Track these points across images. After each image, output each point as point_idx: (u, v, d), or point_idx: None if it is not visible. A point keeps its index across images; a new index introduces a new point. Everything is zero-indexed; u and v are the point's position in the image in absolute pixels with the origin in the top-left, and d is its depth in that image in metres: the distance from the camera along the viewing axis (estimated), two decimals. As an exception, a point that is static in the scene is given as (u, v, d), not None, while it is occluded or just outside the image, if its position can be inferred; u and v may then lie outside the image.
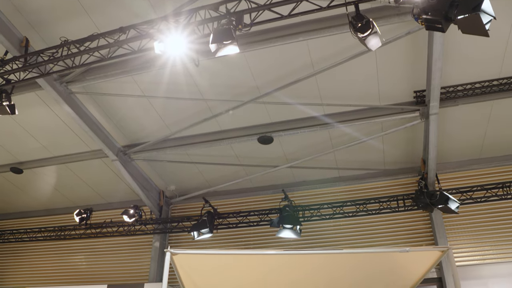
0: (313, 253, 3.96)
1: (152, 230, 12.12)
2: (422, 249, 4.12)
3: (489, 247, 10.26)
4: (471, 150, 10.77)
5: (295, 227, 9.92)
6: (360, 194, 11.49)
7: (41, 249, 14.16)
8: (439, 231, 10.47)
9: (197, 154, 11.16)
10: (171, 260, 3.90)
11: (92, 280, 12.90)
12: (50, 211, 14.54)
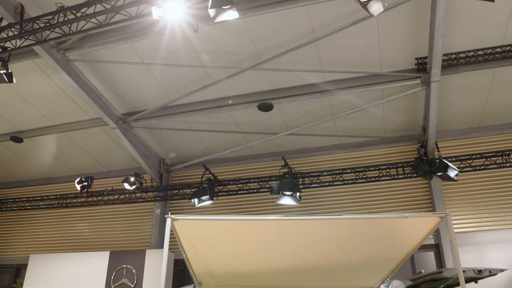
0: (312, 218, 3.99)
1: (153, 197, 12.23)
2: (421, 215, 4.15)
3: (487, 215, 10.38)
4: (471, 118, 10.75)
5: (295, 194, 10.00)
6: (359, 162, 11.54)
7: (44, 217, 14.33)
8: (437, 198, 10.57)
9: (197, 122, 11.14)
10: (172, 226, 3.93)
11: (95, 247, 13.10)
12: (51, 180, 14.64)
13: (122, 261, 11.33)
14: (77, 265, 11.75)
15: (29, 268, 12.24)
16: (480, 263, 9.63)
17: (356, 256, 4.63)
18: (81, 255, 12.00)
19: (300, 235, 4.20)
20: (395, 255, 4.71)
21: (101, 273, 11.41)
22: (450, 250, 10.17)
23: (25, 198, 13.86)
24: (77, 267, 11.71)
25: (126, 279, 11.11)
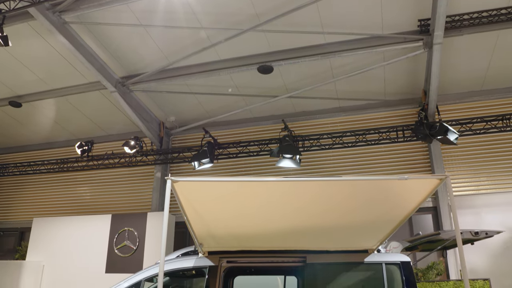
0: (312, 180, 4.00)
1: (153, 161, 12.28)
2: (420, 177, 4.15)
3: (485, 178, 10.46)
4: (473, 82, 10.66)
5: (295, 157, 10.03)
6: (359, 125, 11.53)
7: (45, 182, 14.44)
8: (436, 161, 10.62)
9: (196, 85, 11.05)
10: (172, 187, 3.94)
11: (97, 211, 13.26)
12: (52, 144, 14.67)
13: (124, 224, 11.49)
14: (79, 228, 11.92)
15: (32, 231, 12.43)
16: (477, 226, 9.77)
17: (355, 217, 4.67)
18: (83, 218, 12.16)
19: (299, 196, 4.22)
20: (393, 217, 4.75)
21: (104, 236, 11.59)
22: (448, 213, 10.30)
23: (26, 162, 13.92)
24: (80, 230, 11.89)
25: (128, 241, 11.29)
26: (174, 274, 6.06)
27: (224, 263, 5.56)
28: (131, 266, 10.82)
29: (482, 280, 7.71)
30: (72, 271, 11.50)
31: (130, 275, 5.72)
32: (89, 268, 11.36)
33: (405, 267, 5.46)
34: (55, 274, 11.70)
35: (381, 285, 5.36)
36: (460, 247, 4.07)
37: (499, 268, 9.73)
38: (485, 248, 9.78)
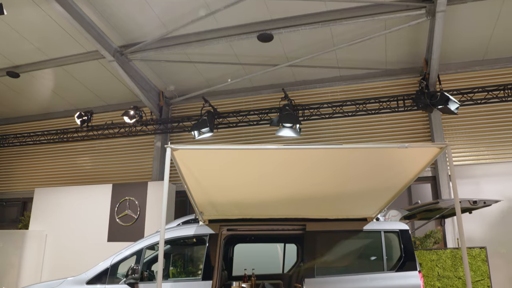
0: (312, 147, 3.99)
1: (153, 130, 12.27)
2: (421, 146, 4.15)
3: (484, 148, 10.47)
4: (475, 51, 10.54)
5: (295, 126, 10.01)
6: (360, 94, 11.47)
7: (46, 152, 14.46)
8: (436, 131, 10.61)
9: (195, 53, 10.93)
10: (172, 156, 3.94)
11: (98, 180, 13.33)
12: (51, 115, 14.64)
13: (125, 193, 11.56)
14: (81, 198, 12.01)
15: (34, 202, 12.52)
16: (476, 195, 9.84)
17: (355, 185, 4.69)
18: (84, 188, 12.23)
19: (300, 164, 4.22)
20: (393, 185, 4.77)
21: (105, 205, 11.68)
22: (447, 182, 10.36)
23: (26, 133, 13.92)
24: (81, 200, 11.98)
25: (130, 211, 11.39)
26: (175, 242, 6.14)
27: (225, 231, 5.63)
28: (132, 235, 10.95)
29: (479, 248, 7.81)
30: (75, 240, 11.65)
31: (132, 244, 5.79)
32: (91, 237, 11.51)
33: (403, 235, 5.53)
34: (58, 243, 11.86)
35: (379, 252, 5.44)
36: (458, 215, 4.10)
37: (496, 236, 9.85)
38: (482, 217, 9.88)
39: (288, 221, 5.64)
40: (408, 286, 5.12)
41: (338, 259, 5.48)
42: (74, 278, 5.58)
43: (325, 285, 5.12)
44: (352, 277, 5.23)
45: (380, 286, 5.14)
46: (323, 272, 5.26)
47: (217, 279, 5.32)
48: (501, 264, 9.67)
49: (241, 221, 5.64)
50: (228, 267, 7.45)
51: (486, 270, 7.68)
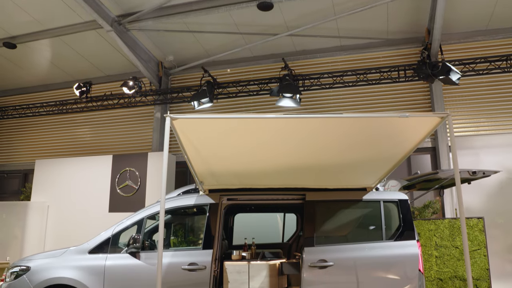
0: (313, 116, 3.97)
1: (153, 101, 12.22)
2: (422, 115, 4.12)
3: (485, 119, 10.45)
4: (478, 20, 10.37)
5: (295, 96, 9.97)
6: (361, 64, 11.37)
7: (46, 124, 14.44)
8: (437, 102, 10.57)
9: (195, 23, 10.76)
10: (172, 125, 3.91)
11: (98, 152, 13.35)
12: (50, 86, 14.54)
13: (125, 164, 11.59)
14: (81, 169, 12.05)
15: (35, 173, 12.57)
16: (475, 166, 9.88)
17: (354, 155, 4.69)
18: (84, 159, 12.26)
19: (299, 133, 4.21)
20: (393, 155, 4.77)
21: (106, 176, 11.73)
22: (446, 153, 10.37)
23: (25, 105, 13.87)
24: (82, 171, 12.02)
25: (130, 181, 11.44)
26: (176, 212, 6.18)
27: (225, 201, 5.66)
28: (133, 206, 11.03)
29: (476, 219, 7.88)
30: (76, 211, 11.75)
31: (133, 214, 5.84)
32: (92, 207, 11.60)
33: (402, 205, 5.57)
34: (59, 214, 11.96)
35: (378, 222, 5.49)
36: (458, 186, 4.11)
37: (493, 207, 9.93)
38: (480, 188, 9.94)
39: (288, 191, 5.67)
40: (406, 255, 5.18)
41: (338, 228, 5.53)
42: (76, 248, 5.65)
43: (325, 254, 5.18)
44: (351, 246, 5.29)
45: (379, 255, 5.20)
46: (323, 241, 5.32)
47: (218, 248, 5.38)
48: (498, 234, 9.78)
49: (241, 190, 5.67)
50: (228, 236, 7.53)
51: (483, 240, 7.77)
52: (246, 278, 5.57)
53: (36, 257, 5.77)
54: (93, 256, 5.48)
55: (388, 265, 5.13)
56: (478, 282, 7.63)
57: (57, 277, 5.35)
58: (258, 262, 5.68)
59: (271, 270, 5.66)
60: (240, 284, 5.55)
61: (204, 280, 5.11)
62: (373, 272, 5.09)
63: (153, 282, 5.11)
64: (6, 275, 5.70)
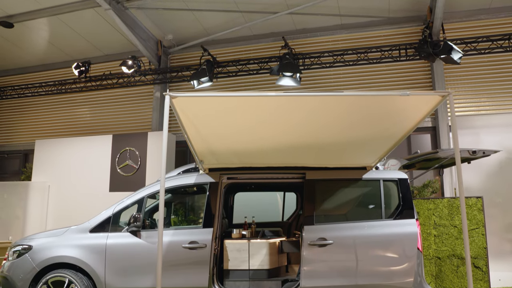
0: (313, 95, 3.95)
1: (152, 80, 12.16)
2: (423, 93, 4.09)
3: (486, 99, 10.41)
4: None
5: (295, 75, 9.91)
6: (361, 43, 11.28)
7: (45, 104, 14.39)
8: (438, 81, 10.51)
9: (194, 1, 10.62)
10: (171, 104, 3.89)
11: (98, 131, 13.34)
12: (48, 66, 14.45)
13: (125, 144, 11.59)
14: (82, 149, 12.05)
15: (36, 153, 12.57)
16: (475, 146, 9.88)
17: (355, 134, 4.68)
18: (84, 139, 12.25)
19: (300, 112, 4.18)
20: (393, 134, 4.76)
21: (106, 156, 11.73)
22: (446, 133, 10.36)
23: (24, 85, 13.81)
24: (82, 151, 12.02)
25: (130, 161, 11.45)
26: (176, 191, 6.20)
27: (225, 180, 5.67)
28: (134, 185, 11.06)
29: (475, 198, 7.91)
30: (77, 191, 11.79)
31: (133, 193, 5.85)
32: (93, 187, 11.63)
33: (402, 184, 5.57)
34: (61, 193, 12.01)
35: (378, 201, 5.50)
36: (458, 165, 4.10)
37: (492, 187, 9.96)
38: (480, 168, 9.96)
39: (288, 170, 5.68)
40: (405, 234, 5.21)
41: (337, 207, 5.55)
42: (77, 227, 5.68)
43: (324, 232, 5.21)
44: (351, 225, 5.32)
45: (378, 233, 5.23)
46: (322, 220, 5.34)
47: (218, 227, 5.41)
48: (496, 213, 9.84)
49: (241, 169, 5.67)
50: (228, 215, 7.57)
51: (481, 219, 7.82)
52: (246, 256, 5.61)
53: (38, 236, 5.81)
54: (94, 235, 5.52)
55: (387, 243, 5.17)
56: (475, 260, 7.70)
57: (59, 255, 5.39)
58: (258, 240, 5.71)
59: (271, 248, 5.70)
60: (240, 262, 5.59)
61: (205, 258, 5.15)
62: (372, 250, 5.13)
63: (154, 260, 5.15)
64: (9, 254, 5.75)
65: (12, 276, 5.47)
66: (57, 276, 5.31)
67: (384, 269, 5.06)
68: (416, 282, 5.05)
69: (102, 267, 5.29)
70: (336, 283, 5.02)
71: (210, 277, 5.14)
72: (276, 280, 5.59)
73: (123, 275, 5.23)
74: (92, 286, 5.30)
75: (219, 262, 5.56)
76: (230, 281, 5.54)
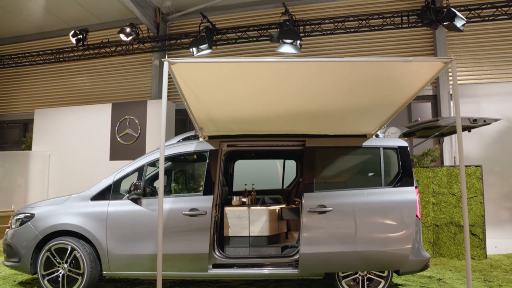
0: (314, 60, 3.89)
1: (151, 48, 12.01)
2: (425, 60, 4.03)
3: (488, 67, 10.32)
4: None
5: (295, 42, 9.79)
6: (363, 9, 11.10)
7: (43, 73, 14.28)
8: (440, 49, 10.40)
9: (191, -35, 10.43)
10: (170, 70, 3.83)
11: (97, 100, 13.28)
12: (45, 34, 14.27)
13: (125, 113, 11.55)
14: (81, 118, 12.02)
15: (35, 123, 12.55)
16: (476, 115, 9.86)
17: (355, 100, 4.63)
18: (84, 108, 12.21)
19: (300, 78, 4.13)
20: (394, 101, 4.71)
21: (105, 125, 11.72)
22: (447, 101, 10.32)
23: (21, 54, 13.66)
24: (82, 120, 12.00)
25: (130, 130, 11.44)
26: (176, 159, 6.19)
27: (225, 147, 5.65)
28: (134, 153, 11.09)
29: (475, 167, 7.94)
30: (78, 159, 11.83)
31: (133, 161, 5.85)
32: (93, 156, 11.67)
33: (402, 152, 5.56)
34: (61, 162, 12.05)
35: (378, 168, 5.50)
36: (459, 132, 4.07)
37: (492, 155, 9.99)
38: (480, 136, 9.96)
39: (288, 137, 5.65)
40: (404, 201, 5.23)
41: (337, 175, 5.55)
42: (78, 195, 5.69)
43: (324, 200, 5.23)
44: (350, 192, 5.33)
45: (377, 201, 5.25)
46: (322, 187, 5.35)
47: (218, 194, 5.43)
48: (495, 182, 9.90)
49: (241, 137, 5.64)
50: (228, 183, 7.60)
51: (480, 188, 7.87)
52: (246, 223, 5.65)
53: (40, 204, 5.84)
54: (95, 202, 5.54)
55: (386, 210, 5.19)
56: (473, 228, 7.79)
57: (61, 223, 5.42)
58: (258, 207, 5.74)
59: (271, 215, 5.74)
60: (241, 228, 5.64)
61: (205, 225, 5.19)
62: (371, 217, 5.15)
63: (155, 227, 5.18)
64: (12, 222, 5.79)
65: (15, 243, 5.52)
66: (60, 243, 5.36)
67: (383, 236, 5.10)
68: (414, 249, 5.10)
69: (104, 234, 5.33)
70: (335, 249, 5.07)
71: (210, 244, 5.19)
72: (276, 246, 5.65)
73: (125, 242, 5.28)
74: (94, 253, 5.36)
75: (219, 229, 5.61)
76: (230, 248, 5.60)
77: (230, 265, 5.31)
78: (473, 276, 6.32)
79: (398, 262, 5.10)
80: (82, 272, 5.28)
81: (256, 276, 5.31)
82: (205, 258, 5.18)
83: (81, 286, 5.27)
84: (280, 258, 5.35)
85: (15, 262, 5.56)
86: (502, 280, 6.13)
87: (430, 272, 6.66)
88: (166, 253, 5.11)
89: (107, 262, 5.31)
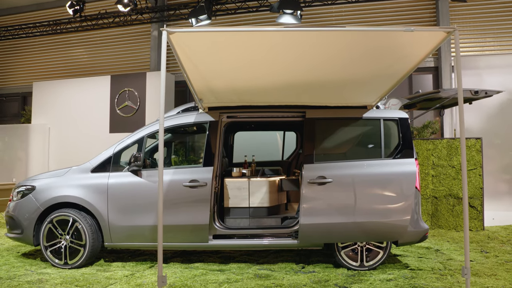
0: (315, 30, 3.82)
1: (149, 19, 11.85)
2: (427, 29, 3.97)
3: (490, 39, 10.20)
4: None
5: (296, 12, 9.66)
6: (365, -22, 10.90)
7: (41, 45, 14.13)
8: (443, 20, 10.26)
9: None
10: (169, 40, 3.77)
11: (95, 72, 13.18)
12: (42, 5, 14.04)
13: (124, 85, 11.48)
14: (80, 90, 11.96)
15: (34, 96, 12.49)
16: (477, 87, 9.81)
17: (356, 71, 4.58)
18: (82, 80, 12.13)
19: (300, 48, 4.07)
20: (395, 71, 4.66)
21: (105, 97, 11.66)
22: (449, 73, 10.24)
23: (17, 25, 13.48)
24: (81, 92, 11.94)
25: (129, 102, 11.38)
26: (176, 130, 6.18)
27: (225, 118, 5.63)
28: (134, 126, 11.06)
29: (474, 139, 7.93)
30: (78, 132, 11.82)
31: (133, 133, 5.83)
32: (93, 128, 11.65)
33: (402, 124, 5.54)
34: (61, 135, 12.04)
35: (378, 140, 5.49)
36: (460, 104, 4.04)
37: (492, 128, 9.97)
38: (480, 109, 9.92)
39: (288, 108, 5.62)
40: (404, 173, 5.23)
41: (337, 146, 5.54)
42: (78, 167, 5.70)
43: (323, 171, 5.23)
44: (350, 163, 5.33)
45: (377, 172, 5.26)
46: (322, 158, 5.35)
47: (218, 165, 5.43)
48: (494, 154, 9.91)
49: (240, 108, 5.61)
50: (228, 155, 7.60)
51: (479, 160, 7.87)
52: (246, 194, 5.68)
53: (41, 176, 5.85)
54: (96, 174, 5.54)
55: (386, 182, 5.20)
56: (471, 200, 7.83)
57: (62, 195, 5.44)
58: (258, 178, 5.76)
59: (271, 187, 5.76)
60: (241, 200, 5.66)
61: (205, 197, 5.21)
62: (371, 189, 5.17)
63: (155, 198, 5.20)
64: (13, 194, 5.81)
65: (18, 215, 5.56)
66: (62, 215, 5.39)
67: (382, 207, 5.12)
68: (413, 220, 5.13)
69: (105, 206, 5.36)
70: (335, 220, 5.10)
71: (211, 215, 5.22)
72: (276, 217, 5.69)
73: (125, 213, 5.31)
74: (95, 224, 5.40)
75: (219, 200, 5.63)
76: (230, 219, 5.64)
77: (230, 236, 5.35)
78: (470, 247, 6.39)
79: (397, 233, 5.15)
80: (84, 243, 5.33)
81: (256, 246, 5.37)
82: (205, 229, 5.22)
83: (83, 257, 5.33)
84: (280, 229, 5.39)
85: (17, 234, 5.61)
86: (498, 251, 6.20)
87: (428, 243, 6.73)
88: (167, 224, 5.15)
89: (108, 233, 5.35)
